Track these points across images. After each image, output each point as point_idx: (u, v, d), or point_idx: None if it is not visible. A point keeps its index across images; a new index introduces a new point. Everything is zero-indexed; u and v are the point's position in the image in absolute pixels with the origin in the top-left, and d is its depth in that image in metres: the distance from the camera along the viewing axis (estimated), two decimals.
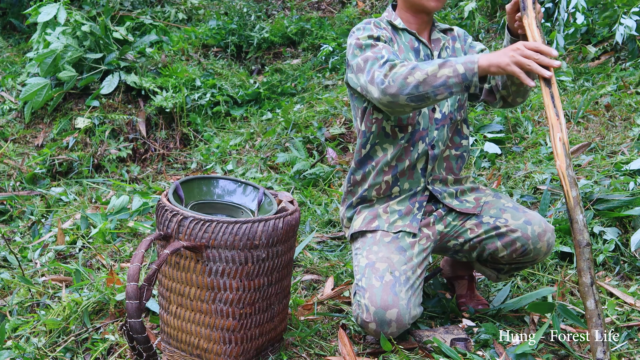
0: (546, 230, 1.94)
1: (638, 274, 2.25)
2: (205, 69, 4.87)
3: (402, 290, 1.82)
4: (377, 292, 1.80)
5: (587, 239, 1.49)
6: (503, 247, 1.95)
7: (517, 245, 1.93)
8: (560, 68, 3.97)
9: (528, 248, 1.93)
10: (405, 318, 1.81)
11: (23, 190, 3.87)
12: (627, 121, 3.27)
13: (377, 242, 1.94)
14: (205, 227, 1.67)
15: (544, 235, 1.93)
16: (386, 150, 1.98)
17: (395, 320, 1.79)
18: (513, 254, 1.95)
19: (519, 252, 1.94)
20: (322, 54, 4.82)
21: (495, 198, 2.04)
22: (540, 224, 1.95)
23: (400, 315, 1.80)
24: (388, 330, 1.81)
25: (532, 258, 1.97)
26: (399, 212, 1.99)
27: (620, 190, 2.49)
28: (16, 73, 5.03)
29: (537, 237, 1.93)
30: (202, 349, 1.77)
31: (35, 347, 1.99)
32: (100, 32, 4.48)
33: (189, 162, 4.22)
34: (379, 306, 1.79)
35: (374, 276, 1.84)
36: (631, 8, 3.79)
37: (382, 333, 1.81)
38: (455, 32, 2.12)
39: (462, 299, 2.16)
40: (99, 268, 2.65)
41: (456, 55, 2.07)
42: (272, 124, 4.19)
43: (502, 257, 1.97)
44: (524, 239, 1.93)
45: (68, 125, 4.40)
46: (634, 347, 1.85)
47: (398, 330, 1.83)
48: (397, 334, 1.84)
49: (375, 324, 1.80)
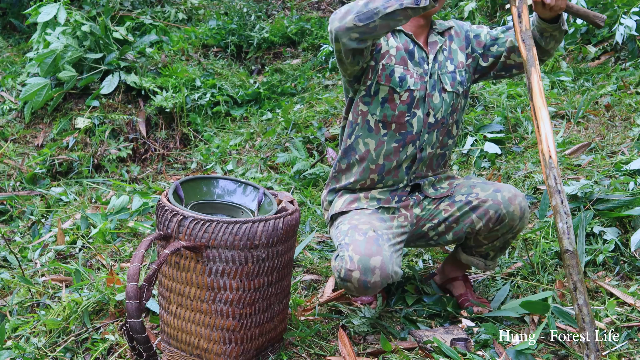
0: (516, 195, 2.00)
1: (638, 274, 2.25)
2: (205, 69, 4.87)
3: (385, 245, 1.88)
4: (360, 244, 1.85)
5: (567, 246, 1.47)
6: (478, 219, 2.01)
7: (491, 213, 1.99)
8: (560, 68, 3.97)
9: (501, 213, 1.98)
10: (389, 267, 1.84)
11: (23, 190, 3.87)
12: (627, 121, 3.27)
13: (359, 214, 2.03)
14: (205, 227, 1.67)
15: (514, 199, 1.99)
16: (367, 145, 2.03)
17: (379, 268, 1.82)
18: (489, 224, 2.00)
19: (494, 219, 1.99)
20: (322, 54, 4.82)
21: (465, 179, 2.12)
22: (509, 189, 2.01)
23: (384, 264, 1.83)
24: (372, 278, 1.82)
25: (509, 225, 2.00)
26: (378, 200, 2.07)
27: (620, 190, 2.49)
28: (16, 73, 5.03)
29: (507, 201, 1.98)
30: (202, 349, 1.77)
31: (35, 347, 1.99)
32: (100, 32, 4.48)
33: (189, 162, 4.22)
34: (362, 254, 1.83)
35: (357, 233, 1.90)
36: (631, 8, 3.79)
37: (365, 283, 1.82)
38: (452, 30, 2.11)
39: (462, 297, 2.17)
40: (99, 268, 2.65)
41: (452, 57, 2.07)
42: (272, 124, 4.19)
43: (480, 231, 2.02)
44: (495, 205, 1.98)
45: (68, 125, 4.40)
46: (634, 347, 1.85)
47: (381, 280, 1.83)
48: (379, 286, 1.84)
49: (359, 272, 1.82)
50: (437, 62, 2.04)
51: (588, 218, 2.39)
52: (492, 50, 2.09)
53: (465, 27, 2.13)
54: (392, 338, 1.99)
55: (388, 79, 1.98)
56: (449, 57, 2.07)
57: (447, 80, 2.04)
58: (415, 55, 2.01)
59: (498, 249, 2.10)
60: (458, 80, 2.05)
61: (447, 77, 2.05)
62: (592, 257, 2.30)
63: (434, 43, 2.05)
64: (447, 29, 2.10)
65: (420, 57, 2.02)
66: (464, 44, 2.10)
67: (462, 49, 2.09)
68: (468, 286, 2.21)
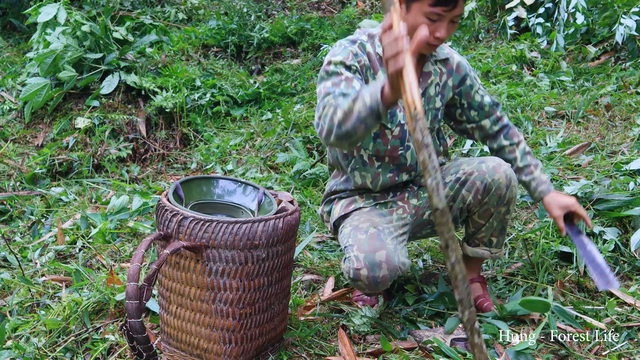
0: (500, 164, 2.01)
1: (638, 274, 2.25)
2: (205, 69, 4.87)
3: (387, 238, 1.90)
4: (364, 241, 1.87)
5: (437, 204, 1.38)
6: (467, 192, 2.03)
7: (477, 184, 2.01)
8: (560, 68, 3.97)
9: (487, 182, 1.99)
10: (395, 259, 1.86)
11: (23, 190, 3.87)
12: (627, 121, 3.27)
13: (358, 214, 2.05)
14: (205, 227, 1.67)
15: (499, 167, 2.00)
16: (364, 178, 2.08)
17: (385, 261, 1.84)
18: (478, 196, 2.01)
19: (481, 190, 2.00)
20: (322, 54, 4.82)
21: (453, 161, 2.14)
22: (494, 160, 2.03)
23: (389, 256, 1.85)
24: (380, 273, 1.83)
25: (497, 195, 2.00)
26: (374, 197, 2.11)
27: (620, 190, 2.49)
28: (16, 73, 5.03)
29: (492, 170, 1.99)
30: (202, 349, 1.77)
31: (35, 347, 1.99)
32: (100, 32, 4.48)
33: (189, 162, 4.22)
34: (367, 251, 1.84)
35: (359, 233, 1.92)
36: (631, 8, 3.79)
37: (375, 279, 1.83)
38: (453, 64, 2.07)
39: (480, 298, 2.16)
40: (99, 268, 2.65)
41: (445, 93, 2.06)
42: (272, 124, 4.19)
43: (471, 206, 2.04)
44: (481, 175, 2.00)
45: (68, 125, 4.40)
46: (634, 347, 1.85)
47: (389, 273, 1.85)
48: (389, 280, 1.86)
49: (366, 269, 1.83)
50: (427, 97, 2.04)
51: None
52: (470, 113, 2.14)
53: (467, 70, 2.10)
54: (392, 338, 1.99)
55: None
56: (441, 92, 2.06)
57: (430, 116, 2.06)
58: None
59: (497, 230, 2.08)
60: (438, 118, 2.09)
61: (431, 113, 2.07)
62: None
63: (428, 74, 2.03)
64: (445, 59, 2.07)
65: None
66: (457, 84, 2.09)
67: (454, 88, 2.09)
68: (484, 288, 2.20)
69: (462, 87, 2.10)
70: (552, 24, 4.24)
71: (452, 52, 2.11)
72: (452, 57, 2.08)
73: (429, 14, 1.82)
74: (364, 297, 2.23)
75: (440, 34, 1.86)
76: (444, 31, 1.86)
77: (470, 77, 2.11)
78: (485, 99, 2.13)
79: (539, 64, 4.04)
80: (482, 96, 2.13)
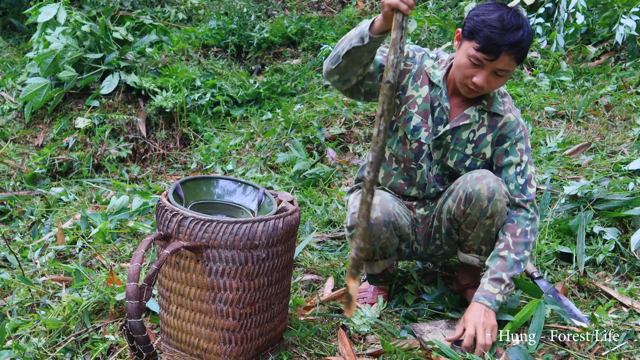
0: (486, 176, 1.95)
1: (638, 274, 2.25)
2: (205, 69, 4.86)
3: (385, 194, 2.01)
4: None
5: (389, 78, 1.61)
6: (452, 202, 2.01)
7: (460, 192, 1.98)
8: (560, 68, 3.97)
9: (468, 192, 1.95)
10: (389, 205, 1.94)
11: (23, 190, 3.87)
12: (627, 121, 3.27)
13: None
14: (205, 227, 1.67)
15: (482, 179, 1.94)
16: (380, 172, 2.11)
17: (379, 204, 1.95)
18: (460, 206, 1.97)
19: (463, 200, 1.96)
20: (322, 54, 4.82)
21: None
22: (481, 171, 1.98)
23: (383, 201, 1.94)
24: (373, 214, 1.91)
25: (479, 207, 1.93)
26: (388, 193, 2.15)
27: (620, 190, 2.49)
28: (16, 73, 5.03)
29: (475, 180, 1.95)
30: (202, 349, 1.77)
31: (35, 347, 1.99)
32: (100, 32, 4.48)
33: (189, 162, 4.22)
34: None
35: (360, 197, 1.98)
36: (631, 8, 3.80)
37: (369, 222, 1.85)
38: (500, 121, 2.02)
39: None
40: (99, 268, 2.65)
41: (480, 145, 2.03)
42: (272, 124, 4.19)
43: (456, 216, 2.00)
44: (463, 185, 1.97)
45: (68, 125, 4.40)
46: (634, 347, 1.85)
47: (382, 215, 1.93)
48: (381, 222, 1.93)
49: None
50: (457, 137, 2.02)
51: (588, 218, 2.39)
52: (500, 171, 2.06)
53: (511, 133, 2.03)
54: (392, 338, 1.99)
55: (404, 124, 2.03)
56: (476, 142, 2.03)
57: (455, 157, 2.04)
58: (435, 113, 2.02)
59: (486, 240, 2.03)
60: (466, 165, 2.05)
61: (457, 155, 2.04)
62: (592, 257, 2.30)
63: (465, 117, 2.01)
64: (496, 113, 2.02)
65: (438, 118, 2.02)
66: (496, 142, 2.04)
67: (492, 144, 2.04)
68: None
69: (497, 148, 2.04)
70: (552, 24, 4.24)
71: (510, 110, 2.04)
72: (505, 115, 2.03)
73: (471, 57, 1.86)
74: (364, 295, 2.23)
75: (477, 79, 1.87)
76: (482, 79, 1.87)
77: (511, 143, 2.02)
78: (518, 179, 2.02)
79: (539, 64, 4.04)
80: (516, 174, 2.02)
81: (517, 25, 1.83)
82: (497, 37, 1.81)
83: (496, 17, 1.83)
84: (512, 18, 1.83)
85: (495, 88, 1.95)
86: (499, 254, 1.95)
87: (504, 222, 1.98)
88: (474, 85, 1.89)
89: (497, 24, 1.82)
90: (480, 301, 1.91)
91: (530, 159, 2.04)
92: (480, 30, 1.83)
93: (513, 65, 1.87)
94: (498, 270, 1.93)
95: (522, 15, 1.87)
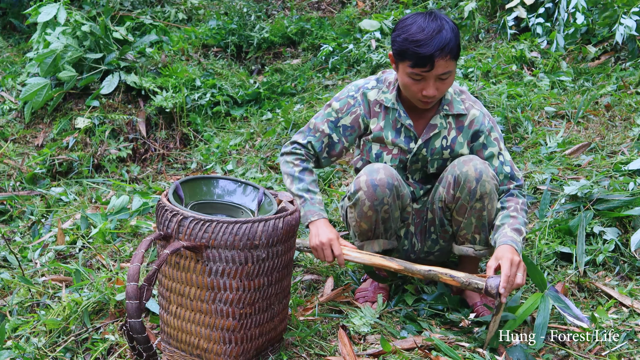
0: (472, 158, 1.98)
1: (638, 274, 2.25)
2: (205, 69, 4.86)
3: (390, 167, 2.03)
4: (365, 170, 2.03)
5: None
6: (443, 188, 2.04)
7: (449, 177, 2.01)
8: (560, 68, 3.97)
9: (456, 175, 1.97)
10: (393, 171, 1.98)
11: (23, 190, 3.87)
12: (627, 121, 3.27)
13: None
14: (205, 227, 1.67)
15: (469, 161, 1.97)
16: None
17: (383, 168, 1.98)
18: (450, 190, 2.00)
19: (452, 183, 1.99)
20: (322, 54, 4.82)
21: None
22: (468, 155, 2.01)
23: (387, 167, 1.99)
24: (377, 176, 1.95)
25: (467, 189, 1.96)
26: None
27: (620, 190, 2.49)
28: (16, 73, 5.03)
29: (462, 163, 1.98)
30: (202, 349, 1.77)
31: (35, 347, 1.99)
32: (100, 32, 4.48)
33: (189, 162, 4.22)
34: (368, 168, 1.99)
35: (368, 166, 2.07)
36: (631, 8, 3.79)
37: (373, 181, 1.94)
38: (466, 120, 2.07)
39: (476, 307, 2.14)
40: (99, 268, 2.65)
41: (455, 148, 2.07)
42: (272, 124, 4.19)
43: (447, 202, 2.03)
44: (451, 169, 2.00)
45: (68, 125, 4.40)
46: (634, 347, 1.85)
47: (386, 177, 1.95)
48: (385, 184, 1.95)
49: (365, 176, 1.96)
50: (431, 148, 2.08)
51: (588, 218, 2.39)
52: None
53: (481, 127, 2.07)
54: (392, 338, 1.99)
55: (367, 154, 2.14)
56: (450, 146, 2.08)
57: (435, 164, 2.11)
58: (402, 134, 2.08)
59: (478, 227, 2.03)
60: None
61: (437, 162, 2.11)
62: (592, 257, 2.30)
63: (433, 127, 2.06)
64: (459, 114, 2.06)
65: (406, 137, 2.08)
66: (470, 139, 2.08)
67: (467, 143, 2.09)
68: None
69: (474, 144, 2.09)
70: (552, 24, 4.24)
71: (471, 106, 2.08)
72: (469, 112, 2.07)
73: (411, 75, 1.91)
74: (365, 293, 2.22)
75: (426, 92, 1.92)
76: (431, 90, 1.92)
77: (485, 135, 2.07)
78: (504, 168, 2.07)
79: (539, 64, 4.04)
80: (501, 163, 2.07)
81: (438, 27, 1.86)
82: (424, 49, 1.84)
83: (415, 29, 1.87)
84: (430, 23, 1.87)
85: (447, 89, 1.99)
86: (510, 214, 1.99)
87: (494, 206, 2.01)
88: (427, 98, 1.94)
89: (419, 37, 1.85)
90: (509, 243, 1.89)
91: (503, 145, 2.11)
92: (406, 49, 1.87)
93: (452, 63, 1.90)
94: (515, 223, 1.95)
95: (439, 14, 1.91)
